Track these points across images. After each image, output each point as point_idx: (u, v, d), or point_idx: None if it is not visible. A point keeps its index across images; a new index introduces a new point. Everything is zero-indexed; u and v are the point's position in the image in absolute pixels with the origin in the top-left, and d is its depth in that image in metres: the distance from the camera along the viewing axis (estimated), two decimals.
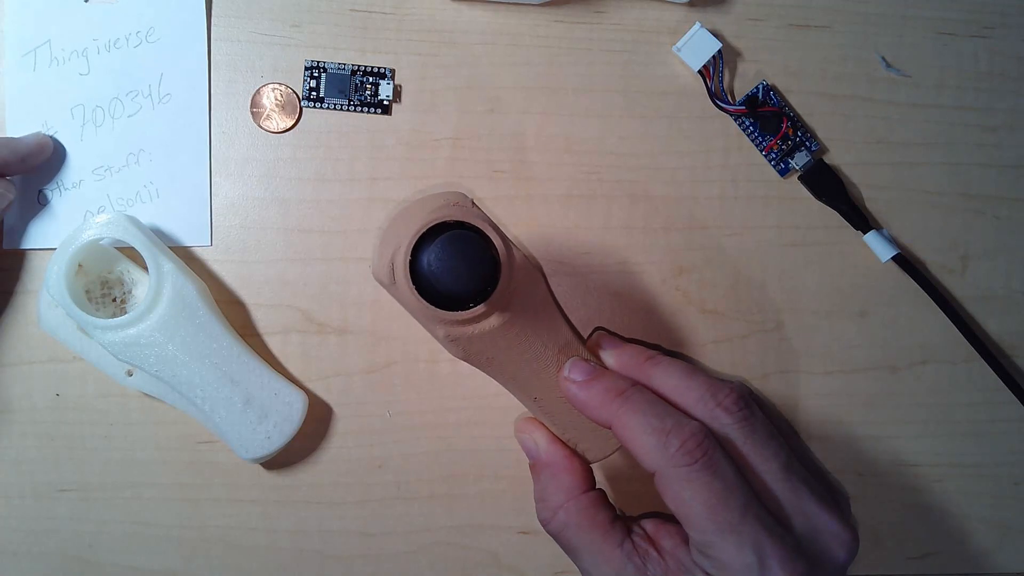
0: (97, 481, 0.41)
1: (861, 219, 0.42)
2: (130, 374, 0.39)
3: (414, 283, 0.29)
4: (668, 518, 0.33)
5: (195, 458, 0.41)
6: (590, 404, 0.33)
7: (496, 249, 0.29)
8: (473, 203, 0.31)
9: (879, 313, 0.43)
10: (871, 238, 0.42)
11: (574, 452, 0.35)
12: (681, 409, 0.32)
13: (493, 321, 0.31)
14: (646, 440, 0.31)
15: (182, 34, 0.41)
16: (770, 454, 0.31)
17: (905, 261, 0.42)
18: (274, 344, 0.41)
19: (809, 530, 0.30)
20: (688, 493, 0.30)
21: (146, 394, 0.40)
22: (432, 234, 0.29)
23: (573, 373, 0.33)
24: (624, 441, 0.32)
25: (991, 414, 0.44)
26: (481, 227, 0.29)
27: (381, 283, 0.31)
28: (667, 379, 0.33)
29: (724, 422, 0.31)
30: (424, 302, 0.29)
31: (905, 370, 0.43)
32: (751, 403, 0.33)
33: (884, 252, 0.42)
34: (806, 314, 0.43)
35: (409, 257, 0.29)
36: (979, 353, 0.43)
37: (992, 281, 0.44)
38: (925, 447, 0.44)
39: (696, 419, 0.32)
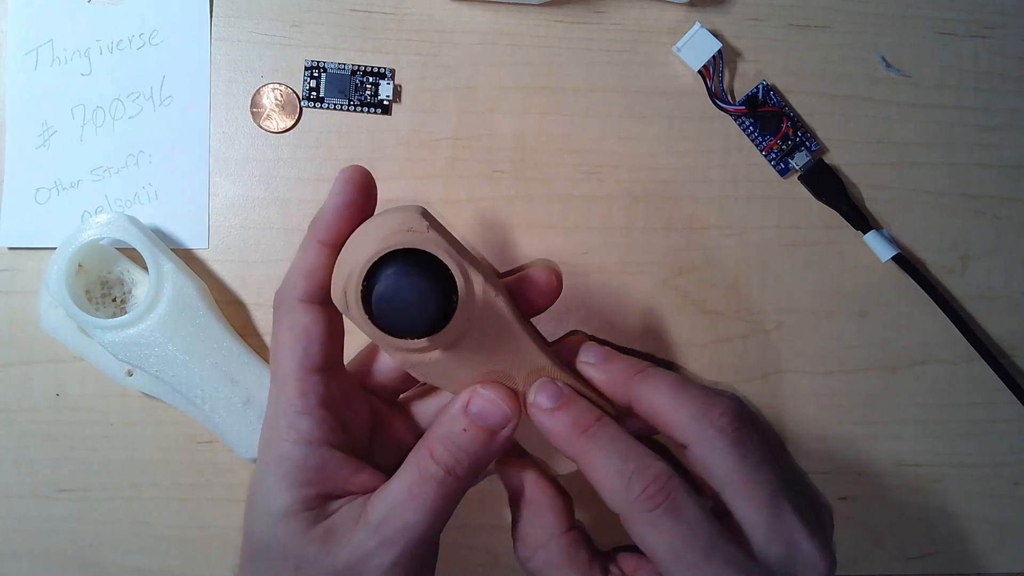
0: (97, 481, 0.41)
1: (861, 219, 0.42)
2: (130, 374, 0.39)
3: (367, 311, 0.27)
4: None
5: (195, 458, 0.41)
6: (555, 436, 0.31)
7: (452, 278, 0.27)
8: (430, 222, 0.29)
9: (879, 313, 0.43)
10: (871, 238, 0.42)
11: (557, 490, 0.34)
12: (672, 429, 0.31)
13: (450, 349, 0.30)
14: (610, 483, 0.30)
15: (185, 38, 0.41)
16: (762, 480, 0.30)
17: (905, 261, 0.42)
18: None
19: (786, 557, 0.30)
20: (652, 537, 0.29)
21: (146, 394, 0.40)
22: (387, 260, 0.27)
23: (540, 398, 0.32)
24: (589, 478, 0.31)
25: (991, 414, 0.44)
26: (437, 254, 0.27)
27: (338, 308, 0.30)
28: (656, 396, 0.32)
29: (716, 444, 0.30)
30: (377, 331, 0.28)
31: (905, 370, 0.43)
32: (745, 422, 0.31)
33: (884, 252, 0.42)
34: (806, 314, 0.43)
35: (360, 287, 0.27)
36: (979, 353, 0.43)
37: (992, 281, 0.44)
38: (925, 447, 0.44)
39: (688, 439, 0.31)
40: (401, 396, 0.35)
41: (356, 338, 0.31)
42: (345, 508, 0.30)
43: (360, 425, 0.32)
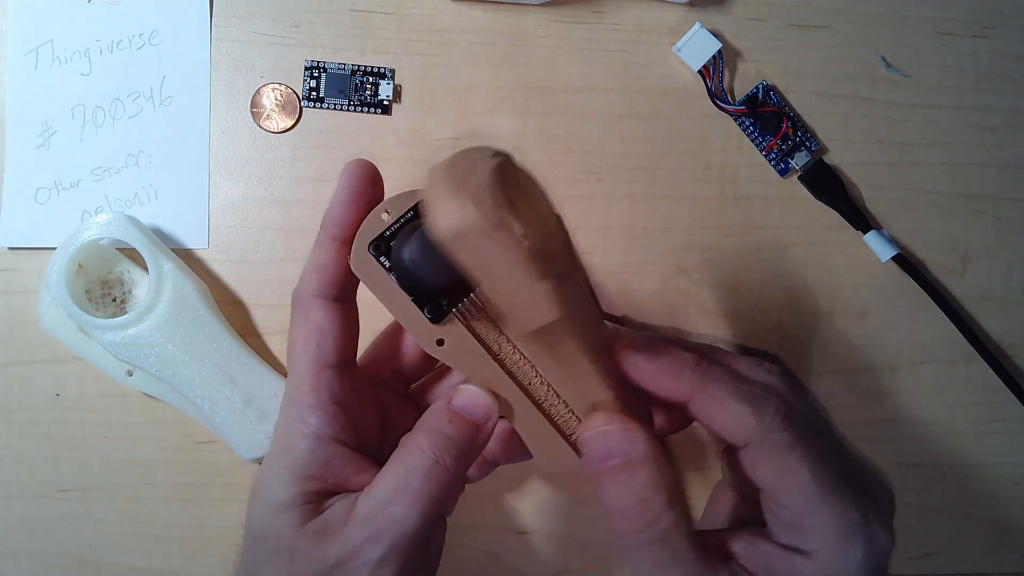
0: (97, 481, 0.41)
1: (861, 219, 0.42)
2: (130, 374, 0.39)
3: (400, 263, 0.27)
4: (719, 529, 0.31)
5: (195, 458, 0.41)
6: (662, 374, 0.29)
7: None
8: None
9: (879, 313, 0.43)
10: (871, 238, 0.42)
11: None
12: (727, 434, 0.30)
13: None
14: (738, 409, 0.29)
15: (185, 38, 0.41)
16: (818, 482, 0.29)
17: (905, 261, 0.42)
18: (274, 344, 0.41)
19: (851, 552, 0.29)
20: (793, 458, 0.28)
21: (146, 394, 0.40)
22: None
23: (637, 344, 0.30)
24: (705, 414, 0.29)
25: (991, 414, 0.44)
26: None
27: (362, 270, 0.29)
28: (714, 404, 0.30)
29: (770, 449, 0.29)
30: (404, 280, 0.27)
31: (905, 370, 0.43)
32: (796, 420, 0.29)
33: (884, 252, 0.42)
34: (806, 314, 0.43)
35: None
36: (979, 353, 0.43)
37: (992, 281, 0.44)
38: (925, 447, 0.44)
39: (741, 442, 0.29)
40: (412, 387, 0.35)
41: (372, 326, 0.31)
42: (339, 504, 0.30)
43: (370, 423, 0.32)
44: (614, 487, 0.29)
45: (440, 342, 0.29)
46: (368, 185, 0.31)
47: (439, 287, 0.28)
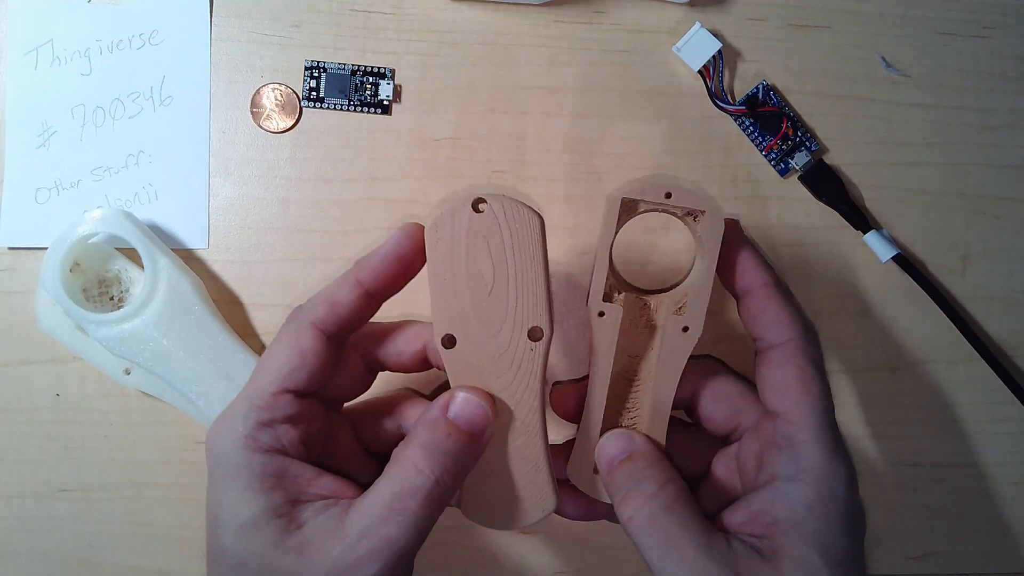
0: (97, 481, 0.41)
1: (861, 219, 0.42)
2: (128, 372, 0.39)
3: None
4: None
5: (195, 458, 0.41)
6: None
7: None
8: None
9: (879, 313, 0.43)
10: (871, 238, 0.42)
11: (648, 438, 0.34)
12: (789, 426, 0.32)
13: None
14: (789, 311, 0.32)
15: (185, 38, 0.41)
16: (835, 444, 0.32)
17: (905, 261, 0.42)
18: None
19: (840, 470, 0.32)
20: (812, 371, 0.31)
21: (144, 393, 0.40)
22: None
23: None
24: (757, 312, 0.32)
25: (991, 414, 0.44)
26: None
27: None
28: (791, 406, 0.31)
29: (812, 428, 0.31)
30: None
31: (905, 370, 0.43)
32: (831, 407, 0.33)
33: (884, 252, 0.42)
34: (806, 314, 0.43)
35: None
36: (979, 353, 0.43)
37: (992, 281, 0.44)
38: (925, 447, 0.44)
39: (794, 423, 0.31)
40: (345, 405, 0.35)
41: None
42: (321, 518, 0.29)
43: (317, 438, 0.32)
44: (621, 478, 0.31)
45: (600, 313, 0.32)
46: (415, 253, 0.31)
47: None
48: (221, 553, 0.29)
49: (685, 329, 0.32)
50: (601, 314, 0.31)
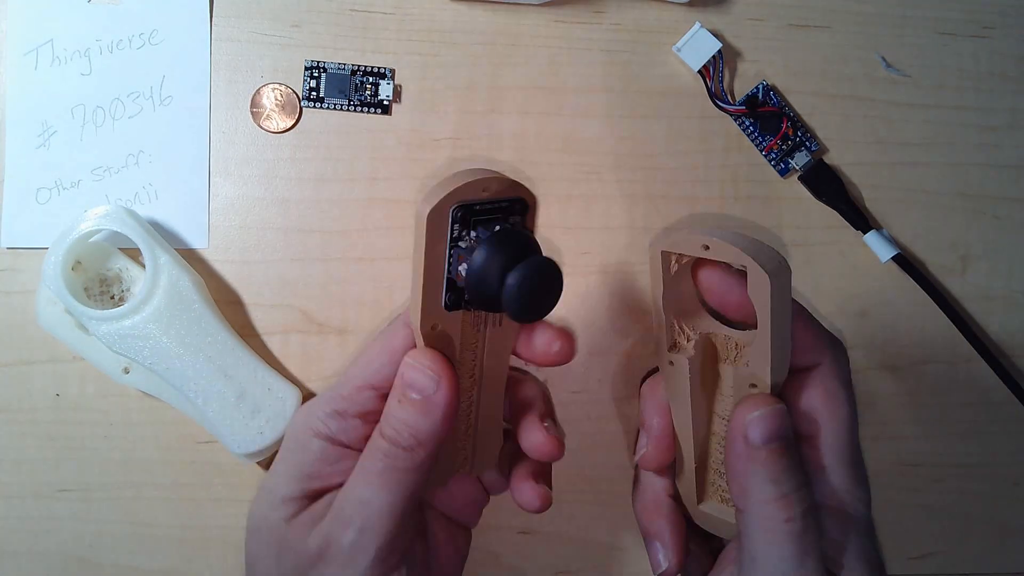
0: (97, 481, 0.41)
1: (861, 219, 0.42)
2: (127, 371, 0.39)
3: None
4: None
5: (195, 458, 0.41)
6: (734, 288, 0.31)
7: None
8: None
9: (879, 313, 0.43)
10: (871, 238, 0.42)
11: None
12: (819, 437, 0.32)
13: None
14: (812, 331, 0.32)
15: (185, 38, 0.41)
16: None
17: (905, 261, 0.42)
18: (274, 344, 0.41)
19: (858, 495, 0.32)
20: (843, 394, 0.32)
21: (142, 392, 0.40)
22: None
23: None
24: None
25: (991, 414, 0.44)
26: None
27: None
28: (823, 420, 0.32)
29: (838, 434, 0.32)
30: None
31: (905, 370, 0.43)
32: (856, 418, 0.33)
33: (884, 252, 0.42)
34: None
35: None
36: (979, 353, 0.43)
37: (992, 281, 0.44)
38: (925, 447, 0.44)
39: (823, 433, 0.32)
40: None
41: None
42: (325, 497, 0.32)
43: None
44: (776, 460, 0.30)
45: (434, 327, 0.30)
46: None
47: (474, 292, 0.29)
48: (252, 512, 0.33)
49: (753, 386, 0.30)
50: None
